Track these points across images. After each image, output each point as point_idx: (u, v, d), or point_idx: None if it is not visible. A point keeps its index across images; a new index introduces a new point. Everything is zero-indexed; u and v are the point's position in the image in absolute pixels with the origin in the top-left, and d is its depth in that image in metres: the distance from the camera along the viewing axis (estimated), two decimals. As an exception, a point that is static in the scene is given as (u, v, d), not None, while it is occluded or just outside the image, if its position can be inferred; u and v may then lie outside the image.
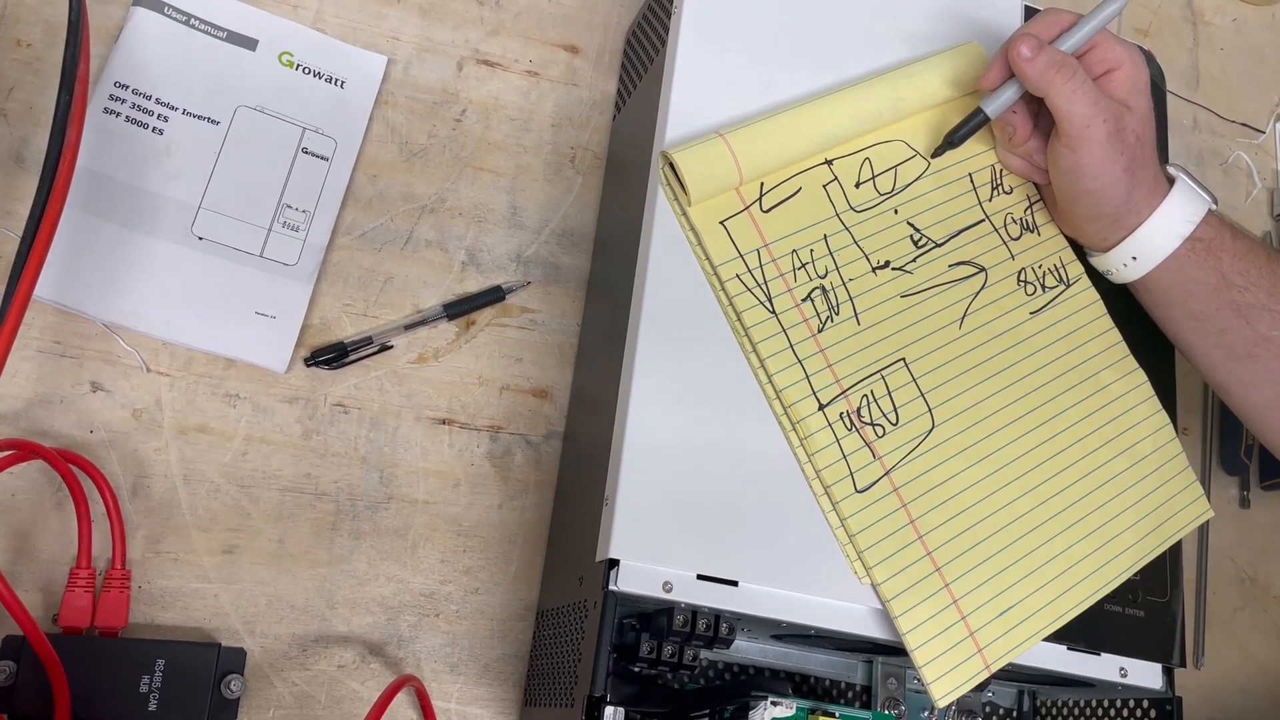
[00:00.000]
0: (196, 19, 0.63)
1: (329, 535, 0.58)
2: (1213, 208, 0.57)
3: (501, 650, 0.60)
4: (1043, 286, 0.58)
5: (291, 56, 0.64)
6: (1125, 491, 0.56)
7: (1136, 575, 0.55)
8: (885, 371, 0.54)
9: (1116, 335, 0.59)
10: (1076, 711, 0.60)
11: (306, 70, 0.65)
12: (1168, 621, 0.56)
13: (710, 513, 0.49)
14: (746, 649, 0.58)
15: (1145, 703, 0.56)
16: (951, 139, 0.57)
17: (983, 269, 0.57)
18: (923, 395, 0.54)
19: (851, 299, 0.54)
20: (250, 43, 0.64)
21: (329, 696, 0.56)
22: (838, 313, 0.54)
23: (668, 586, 0.48)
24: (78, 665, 0.50)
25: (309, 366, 0.60)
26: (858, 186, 0.57)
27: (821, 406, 0.52)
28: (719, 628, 0.49)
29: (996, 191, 0.59)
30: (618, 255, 0.59)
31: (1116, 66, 0.55)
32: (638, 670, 0.51)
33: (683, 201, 0.53)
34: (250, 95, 0.63)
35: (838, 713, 0.50)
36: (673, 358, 0.51)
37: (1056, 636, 0.53)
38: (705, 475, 0.50)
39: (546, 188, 0.68)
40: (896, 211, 0.57)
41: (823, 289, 0.54)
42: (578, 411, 0.62)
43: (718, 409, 0.51)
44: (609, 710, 0.46)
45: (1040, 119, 0.58)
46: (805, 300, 0.54)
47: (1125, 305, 0.60)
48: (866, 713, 0.53)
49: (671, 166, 0.53)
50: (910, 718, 0.58)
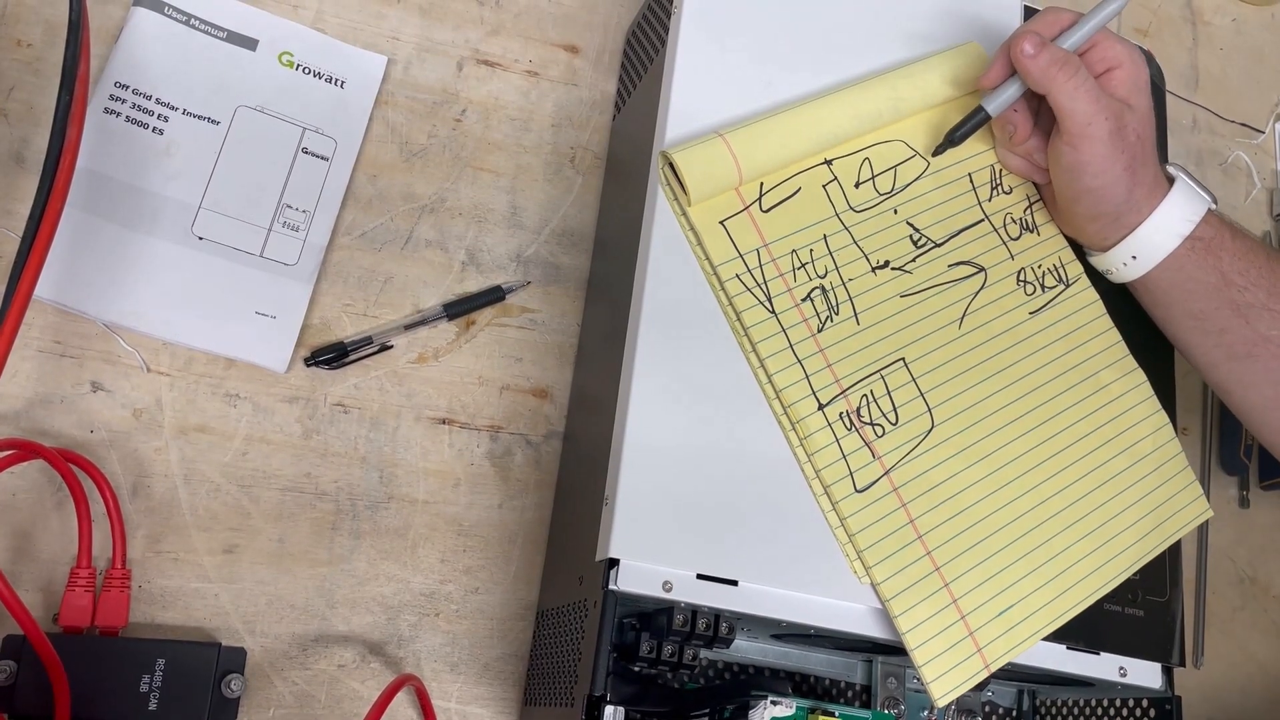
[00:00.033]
0: (197, 19, 0.63)
1: (329, 535, 0.59)
2: (1212, 207, 0.57)
3: (501, 650, 0.60)
4: (1042, 286, 0.58)
5: (291, 56, 0.64)
6: (1125, 491, 0.56)
7: (1136, 575, 0.55)
8: (885, 371, 0.54)
9: (1116, 335, 0.59)
10: (1076, 711, 0.60)
11: (306, 70, 0.65)
12: (1167, 621, 0.56)
13: (710, 512, 0.49)
14: (746, 648, 0.58)
15: (1145, 702, 0.56)
16: (952, 137, 0.57)
17: (982, 269, 0.58)
18: (922, 395, 0.54)
19: (851, 299, 0.54)
20: (250, 43, 0.64)
21: (329, 696, 0.56)
22: (837, 313, 0.54)
23: (667, 586, 0.48)
24: (78, 665, 0.50)
25: (309, 366, 0.60)
26: (857, 186, 0.57)
27: (821, 406, 0.52)
28: (719, 627, 0.49)
29: (996, 191, 0.59)
30: (617, 255, 0.59)
31: (1117, 65, 0.55)
32: (638, 670, 0.51)
33: (682, 201, 0.53)
34: (250, 95, 0.63)
35: (837, 712, 0.51)
36: (672, 357, 0.51)
37: (1056, 636, 0.53)
38: (705, 475, 0.50)
39: (546, 188, 0.68)
40: (896, 211, 0.57)
41: (822, 289, 0.54)
42: (578, 411, 0.62)
43: (717, 409, 0.51)
44: (609, 709, 0.46)
45: (1040, 118, 0.58)
46: (805, 300, 0.54)
47: (1125, 305, 0.60)
48: (866, 712, 0.53)
49: (671, 166, 0.53)
50: (910, 717, 0.58)
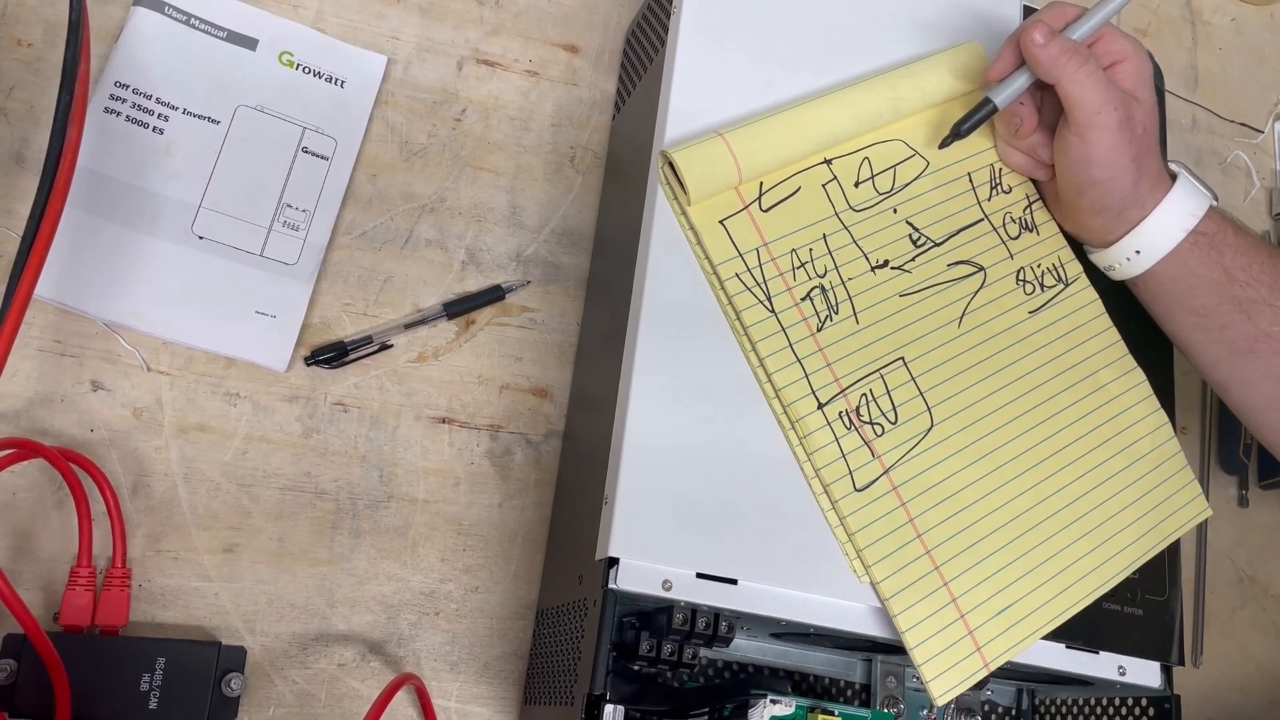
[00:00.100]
0: (197, 19, 0.63)
1: (329, 534, 0.59)
2: (1214, 203, 0.57)
3: (501, 649, 0.60)
4: (1041, 286, 0.59)
5: (292, 56, 0.65)
6: (1124, 490, 0.56)
7: (1135, 574, 0.55)
8: (884, 370, 0.54)
9: (1115, 334, 0.59)
10: (1075, 710, 0.60)
11: (306, 70, 0.65)
12: (1166, 620, 0.56)
13: (710, 511, 0.50)
14: (746, 647, 0.58)
15: (1144, 701, 0.56)
16: (959, 129, 0.57)
17: (981, 268, 0.58)
18: (921, 394, 0.54)
19: (850, 298, 0.54)
20: (250, 42, 0.64)
21: (329, 695, 0.57)
22: (837, 312, 0.54)
23: (667, 585, 0.48)
24: (78, 664, 0.50)
25: (309, 365, 0.60)
26: (857, 186, 0.57)
27: (820, 405, 0.52)
28: (718, 626, 0.49)
29: (995, 191, 0.60)
30: (617, 255, 0.59)
31: (1122, 59, 0.55)
32: (637, 669, 0.51)
33: (682, 201, 0.53)
34: (250, 95, 0.63)
35: (837, 711, 0.51)
36: (672, 357, 0.51)
37: (1055, 635, 0.53)
38: (704, 474, 0.50)
39: (546, 187, 0.68)
40: (895, 211, 0.57)
41: (822, 288, 0.54)
42: (577, 410, 0.62)
43: (717, 408, 0.51)
44: (609, 708, 0.46)
45: (1044, 112, 0.58)
46: (804, 299, 0.54)
47: (1124, 304, 0.60)
48: (866, 711, 0.53)
49: (671, 166, 0.53)
50: (909, 716, 0.58)
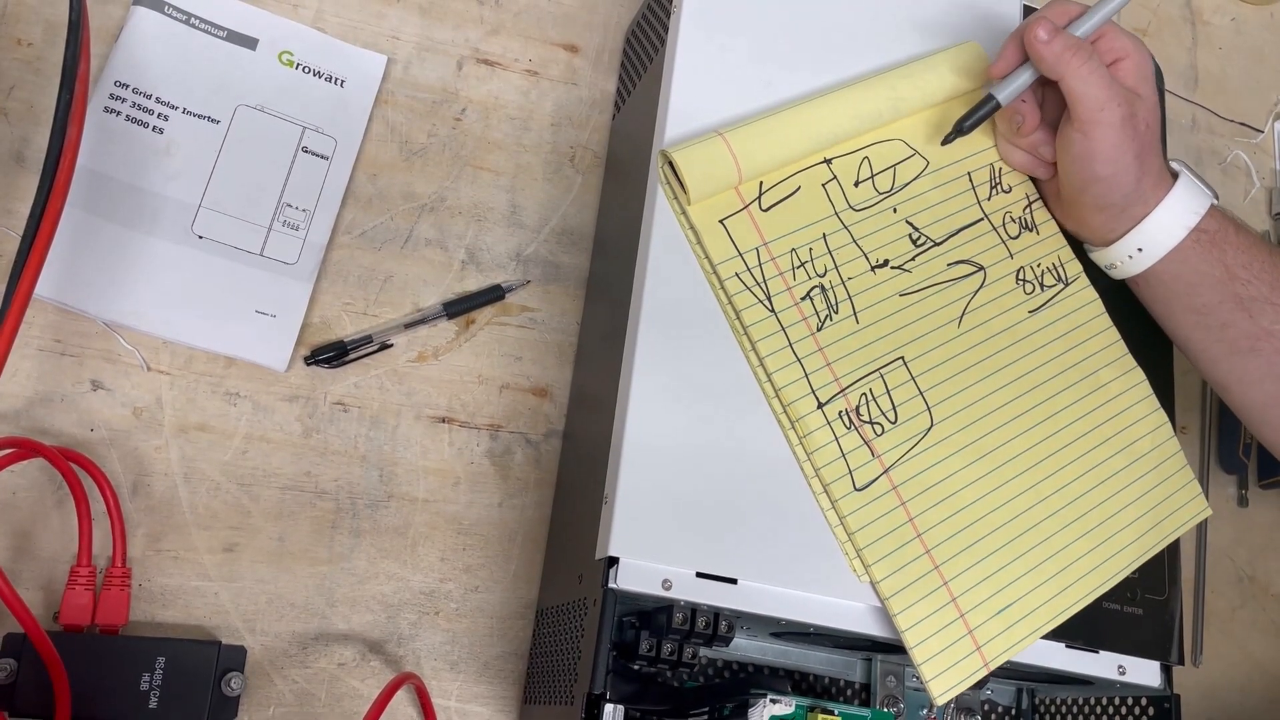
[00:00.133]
0: (197, 18, 0.63)
1: (329, 533, 0.59)
2: (1215, 202, 0.57)
3: (501, 648, 0.60)
4: (1041, 285, 0.59)
5: (291, 56, 0.65)
6: (1123, 490, 0.56)
7: (1135, 573, 0.55)
8: (884, 370, 0.54)
9: (1115, 334, 0.59)
10: (1075, 709, 0.60)
11: (306, 69, 0.65)
12: (1166, 619, 0.56)
13: (709, 511, 0.50)
14: (746, 647, 0.58)
15: (1144, 700, 0.56)
16: (962, 126, 0.57)
17: (981, 268, 0.58)
18: (921, 394, 0.54)
19: (850, 298, 0.54)
20: (250, 42, 0.64)
21: (329, 694, 0.57)
22: (836, 311, 0.54)
23: (667, 584, 0.48)
24: (78, 663, 0.50)
25: (309, 365, 0.60)
26: (857, 185, 0.57)
27: (820, 405, 0.52)
28: (718, 625, 0.49)
29: (995, 190, 0.60)
30: (617, 254, 0.59)
31: (1124, 56, 0.55)
32: (637, 668, 0.51)
33: (682, 200, 0.53)
34: (250, 94, 0.63)
35: (837, 710, 0.51)
36: (672, 356, 0.51)
37: (1055, 634, 0.53)
38: (704, 473, 0.50)
39: (546, 187, 0.68)
40: (895, 210, 0.57)
41: (821, 288, 0.54)
42: (577, 410, 0.63)
43: (717, 407, 0.51)
44: (608, 708, 0.46)
45: (1046, 110, 0.58)
46: (804, 299, 0.54)
47: (1123, 304, 0.60)
48: (865, 710, 0.53)
49: (671, 165, 0.53)
50: (909, 715, 0.58)
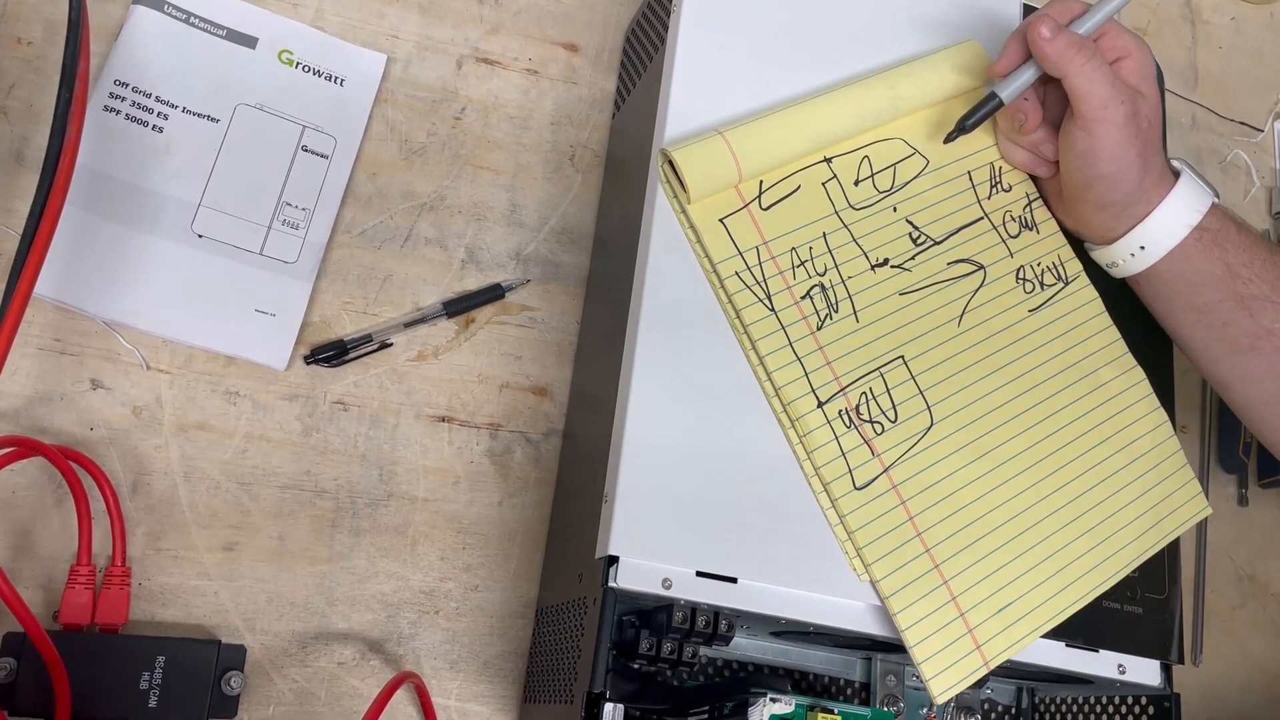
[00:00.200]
0: (196, 17, 0.63)
1: (329, 532, 0.59)
2: (1216, 200, 0.57)
3: (501, 647, 0.60)
4: (1041, 284, 0.59)
5: (291, 54, 0.65)
6: (1123, 489, 0.56)
7: (1135, 572, 0.55)
8: (884, 369, 0.54)
9: (1115, 333, 0.59)
10: (1075, 708, 0.60)
11: (306, 68, 0.65)
12: (1166, 619, 0.56)
13: (709, 510, 0.50)
14: (746, 646, 0.58)
15: (1144, 700, 0.56)
16: (964, 124, 0.56)
17: (981, 267, 0.58)
18: (921, 393, 0.54)
19: (850, 297, 0.54)
20: (250, 41, 0.64)
21: (329, 693, 0.57)
22: (836, 310, 0.54)
23: (667, 583, 0.48)
24: (78, 662, 0.50)
25: (309, 364, 0.60)
26: (857, 184, 0.57)
27: (820, 404, 0.52)
28: (718, 624, 0.49)
29: (995, 189, 0.59)
30: (617, 253, 0.59)
31: (1126, 54, 0.55)
32: (637, 667, 0.51)
33: (682, 199, 0.53)
34: (250, 93, 0.63)
35: (837, 709, 0.51)
36: (672, 355, 0.51)
37: (1055, 633, 0.53)
38: (704, 472, 0.50)
39: (546, 186, 0.68)
40: (895, 209, 0.57)
41: (821, 287, 0.54)
42: (577, 409, 0.62)
43: (717, 407, 0.51)
44: (608, 707, 0.46)
45: (1047, 108, 0.58)
46: (804, 298, 0.54)
47: (1123, 303, 0.60)
48: (865, 709, 0.53)
49: (671, 164, 0.53)
50: (909, 714, 0.58)
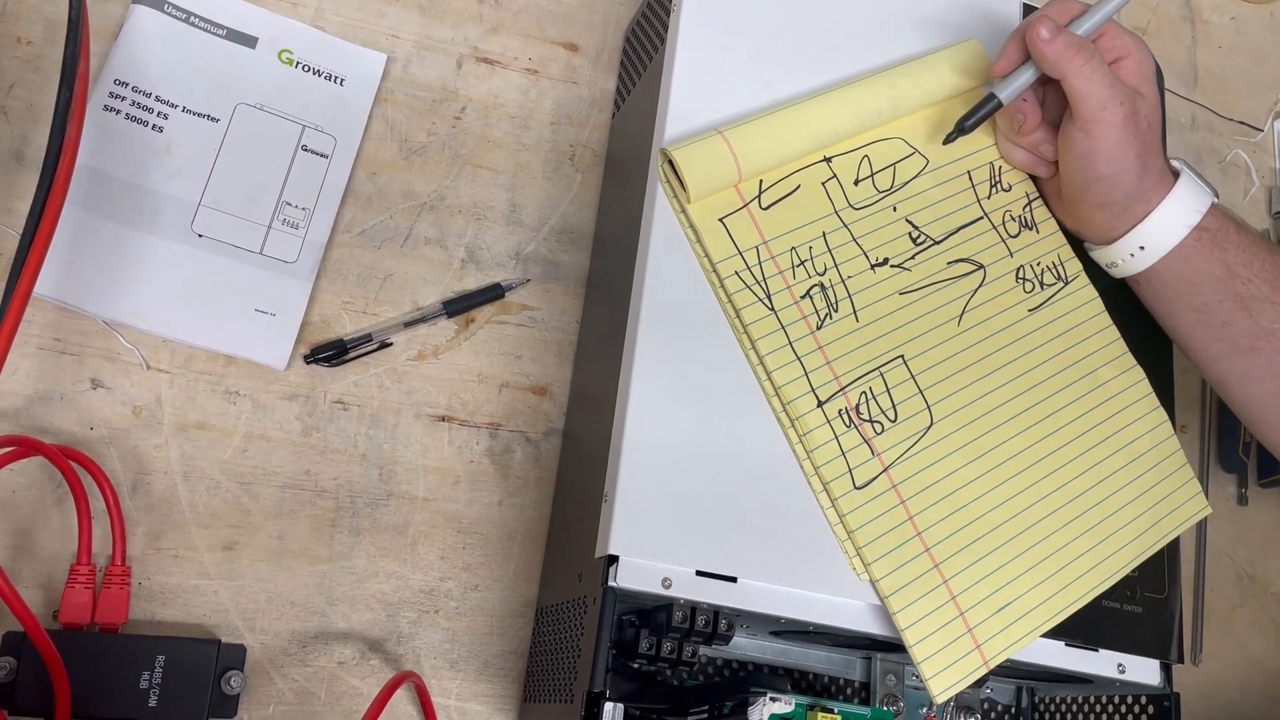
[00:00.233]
0: (196, 17, 0.63)
1: (329, 532, 0.59)
2: (1215, 200, 0.57)
3: (501, 647, 0.60)
4: (1041, 284, 0.59)
5: (291, 54, 0.65)
6: (1123, 488, 0.56)
7: (1135, 572, 0.55)
8: (884, 369, 0.54)
9: (1115, 333, 0.59)
10: (1074, 708, 0.60)
11: (306, 68, 0.65)
12: (1166, 618, 0.56)
13: (709, 509, 0.50)
14: (745, 645, 0.58)
15: (1143, 699, 0.56)
16: (963, 125, 0.56)
17: (981, 266, 0.58)
18: (921, 392, 0.54)
19: (850, 296, 0.54)
20: (250, 40, 0.64)
21: (329, 693, 0.57)
22: (836, 310, 0.54)
23: (667, 583, 0.48)
24: (78, 661, 0.50)
25: (309, 364, 0.60)
26: (856, 184, 0.57)
27: (820, 404, 0.52)
28: (718, 624, 0.49)
29: (995, 189, 0.60)
30: (617, 253, 0.59)
31: (1126, 55, 0.55)
32: (637, 667, 0.51)
33: (682, 199, 0.53)
34: (250, 93, 0.63)
35: (837, 709, 0.51)
36: (672, 355, 0.51)
37: (1055, 633, 0.53)
38: (704, 472, 0.50)
39: (546, 185, 0.68)
40: (895, 209, 0.57)
41: (821, 286, 0.54)
42: (577, 408, 0.63)
43: (717, 406, 0.51)
44: (608, 706, 0.46)
45: (1047, 109, 0.58)
46: (804, 298, 0.54)
47: (1123, 303, 0.60)
48: (865, 709, 0.53)
49: (671, 164, 0.53)
50: (909, 714, 0.58)
